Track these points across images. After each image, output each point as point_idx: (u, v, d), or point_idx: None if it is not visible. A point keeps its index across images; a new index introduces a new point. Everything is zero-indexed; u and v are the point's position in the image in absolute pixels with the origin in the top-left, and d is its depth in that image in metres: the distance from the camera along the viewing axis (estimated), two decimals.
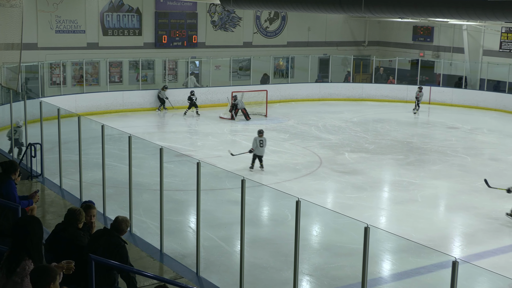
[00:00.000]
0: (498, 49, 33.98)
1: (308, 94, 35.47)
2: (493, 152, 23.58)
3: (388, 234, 13.23)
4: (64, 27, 30.34)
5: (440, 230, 15.21)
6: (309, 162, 21.09)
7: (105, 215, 12.69)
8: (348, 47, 39.58)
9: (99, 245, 7.69)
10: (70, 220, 7.82)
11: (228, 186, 17.42)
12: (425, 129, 28.39)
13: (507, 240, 14.75)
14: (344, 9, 21.49)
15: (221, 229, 14.27)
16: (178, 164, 19.39)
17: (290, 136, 25.42)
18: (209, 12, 34.60)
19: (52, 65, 29.97)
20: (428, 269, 12.60)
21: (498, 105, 32.70)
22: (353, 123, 28.67)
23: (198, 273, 10.64)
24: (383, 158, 22.08)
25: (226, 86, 33.00)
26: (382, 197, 18.29)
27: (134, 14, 32.18)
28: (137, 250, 11.19)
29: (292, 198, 8.60)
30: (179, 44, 33.48)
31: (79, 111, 26.75)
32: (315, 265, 12.76)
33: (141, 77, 32.02)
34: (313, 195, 17.15)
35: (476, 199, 17.43)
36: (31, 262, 6.12)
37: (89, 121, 15.84)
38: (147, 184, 16.69)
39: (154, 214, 12.95)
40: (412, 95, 34.88)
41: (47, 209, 13.13)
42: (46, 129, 15.77)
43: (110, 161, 16.69)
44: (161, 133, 25.53)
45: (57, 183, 15.23)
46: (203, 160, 11.64)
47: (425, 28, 37.83)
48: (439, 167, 20.93)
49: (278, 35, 37.34)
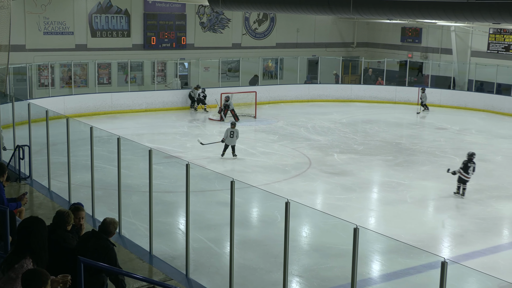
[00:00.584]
0: (486, 50, 34.15)
1: (297, 95, 35.51)
2: (481, 152, 23.61)
3: (377, 235, 13.26)
4: (52, 28, 30.23)
5: (429, 231, 15.26)
6: (298, 163, 21.10)
7: (94, 217, 12.65)
8: (336, 49, 39.65)
9: (88, 247, 7.65)
10: (59, 223, 7.78)
11: (218, 187, 17.41)
12: (414, 130, 28.47)
13: (495, 240, 14.82)
14: (332, 11, 21.53)
15: (210, 231, 14.25)
16: (168, 166, 19.35)
17: (279, 137, 25.43)
18: (198, 14, 34.57)
19: (40, 67, 29.86)
20: (417, 269, 12.63)
21: (486, 106, 32.85)
22: (342, 124, 28.72)
23: (188, 275, 10.63)
24: (372, 159, 22.12)
25: (215, 87, 32.99)
26: (371, 198, 18.33)
27: (122, 16, 32.11)
28: (126, 252, 11.16)
29: (281, 199, 8.60)
30: (168, 46, 33.43)
31: (67, 112, 26.67)
32: (305, 266, 12.77)
33: (130, 78, 31.96)
34: (303, 196, 17.16)
35: (464, 200, 17.48)
36: (31, 261, 6.12)
37: (77, 123, 15.80)
38: (136, 186, 16.65)
39: (144, 216, 12.91)
40: (401, 96, 35.08)
41: (35, 211, 13.06)
42: (35, 131, 15.71)
43: (99, 163, 16.63)
44: (150, 135, 25.46)
45: (46, 185, 15.17)
46: (192, 161, 11.62)
47: (413, 30, 37.96)
48: (427, 168, 20.99)
49: (267, 36, 37.37)
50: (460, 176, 17.78)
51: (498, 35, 33.37)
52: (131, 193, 16.11)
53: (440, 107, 34.04)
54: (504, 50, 33.20)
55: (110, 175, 16.98)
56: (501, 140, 26.02)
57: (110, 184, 15.15)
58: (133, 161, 18.36)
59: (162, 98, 31.20)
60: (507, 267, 13.20)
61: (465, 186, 17.62)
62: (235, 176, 10.84)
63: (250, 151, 22.74)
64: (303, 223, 14.94)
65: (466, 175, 17.68)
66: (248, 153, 22.45)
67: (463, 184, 17.65)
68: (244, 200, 16.19)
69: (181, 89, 32.81)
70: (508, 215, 16.74)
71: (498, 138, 26.58)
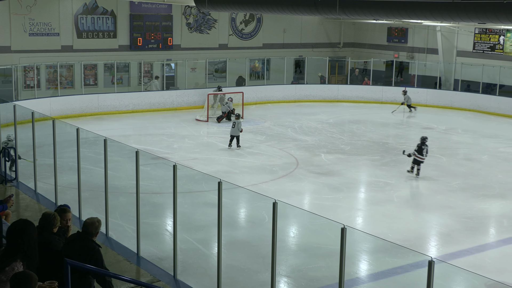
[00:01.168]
0: (471, 50, 34.33)
1: (284, 96, 35.52)
2: (467, 152, 23.79)
3: (365, 235, 13.29)
4: (38, 30, 30.09)
5: (416, 230, 15.30)
6: (286, 164, 21.12)
7: (81, 219, 12.61)
8: (323, 49, 39.72)
9: (74, 249, 7.60)
10: (45, 225, 7.74)
11: (205, 188, 17.39)
12: (400, 130, 28.57)
13: (482, 239, 14.89)
14: (319, 11, 21.58)
15: (198, 232, 14.23)
16: (155, 167, 19.31)
17: (267, 137, 25.43)
18: (184, 15, 34.52)
19: (26, 68, 29.70)
20: (405, 269, 12.67)
21: (472, 106, 33.02)
22: (329, 125, 28.77)
23: (176, 276, 10.61)
24: (359, 159, 22.17)
25: (202, 88, 32.95)
26: (358, 198, 18.37)
27: (108, 17, 32.00)
28: (114, 254, 11.12)
29: (269, 200, 8.60)
30: (154, 47, 33.37)
31: (53, 114, 26.55)
32: (293, 266, 12.77)
33: (116, 79, 31.86)
34: (290, 196, 17.17)
35: (451, 199, 17.56)
36: (21, 264, 6.09)
37: (64, 125, 15.75)
38: (123, 187, 16.60)
39: (131, 217, 12.87)
40: (387, 96, 35.19)
41: (22, 213, 13.00)
42: (21, 133, 15.64)
43: (86, 165, 16.58)
44: (137, 136, 25.39)
45: (32, 187, 15.10)
46: (179, 162, 11.60)
47: (399, 30, 38.10)
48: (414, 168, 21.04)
49: (254, 37, 37.37)
50: (415, 158, 19.86)
51: (484, 35, 33.55)
52: (118, 194, 16.07)
53: (427, 106, 34.17)
54: (490, 49, 33.38)
55: (97, 176, 16.92)
56: (487, 140, 26.15)
57: (97, 185, 15.09)
58: (120, 163, 18.31)
59: (148, 99, 31.14)
60: (493, 266, 13.26)
61: (419, 167, 19.84)
62: (222, 177, 10.83)
63: (238, 151, 22.74)
64: (290, 223, 14.95)
65: (421, 156, 19.85)
66: (235, 154, 22.45)
67: (417, 165, 19.86)
68: (231, 200, 16.19)
69: (164, 90, 32.67)
70: (495, 214, 16.83)
71: (484, 137, 26.71)
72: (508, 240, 14.61)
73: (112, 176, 13.89)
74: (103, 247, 8.07)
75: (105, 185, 12.15)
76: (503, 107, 31.87)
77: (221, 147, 23.40)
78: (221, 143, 24.00)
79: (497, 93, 32.61)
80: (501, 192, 18.41)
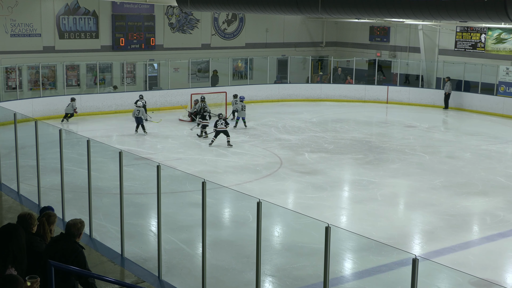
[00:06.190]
0: (453, 48, 34.54)
1: (267, 95, 35.55)
2: (450, 150, 23.92)
3: (349, 233, 13.33)
4: (20, 30, 29.90)
5: (400, 228, 15.37)
6: (270, 163, 21.13)
7: (64, 221, 12.53)
8: (306, 48, 39.81)
9: (57, 250, 7.55)
10: (24, 227, 7.68)
11: (189, 188, 17.36)
12: (383, 128, 28.67)
13: (465, 237, 14.97)
14: (301, 10, 21.61)
15: (182, 232, 14.21)
16: (138, 168, 19.25)
17: (250, 137, 25.43)
18: (166, 15, 34.45)
19: (8, 69, 29.52)
20: (389, 267, 12.71)
21: (454, 104, 33.18)
22: (312, 124, 28.82)
23: (160, 277, 10.59)
24: (342, 157, 22.23)
25: (185, 88, 32.90)
26: (342, 197, 18.41)
27: (90, 17, 31.87)
28: (98, 255, 11.08)
29: (253, 199, 8.60)
30: (137, 47, 33.28)
31: (36, 115, 26.42)
32: (277, 265, 12.78)
33: (99, 80, 31.72)
34: (274, 195, 17.18)
35: (434, 197, 17.65)
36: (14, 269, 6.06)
37: (46, 126, 15.67)
38: (106, 188, 16.54)
39: (114, 218, 12.83)
40: (370, 95, 35.34)
41: (4, 215, 12.92)
42: (3, 134, 15.56)
43: (69, 166, 16.51)
44: (120, 137, 25.31)
45: (15, 188, 15.00)
46: (163, 163, 11.58)
47: (381, 29, 38.25)
48: (397, 166, 21.15)
49: (236, 36, 37.37)
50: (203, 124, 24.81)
51: (465, 33, 33.76)
52: (101, 195, 16.00)
53: (409, 105, 34.35)
54: (471, 47, 33.59)
55: (80, 177, 16.86)
56: (469, 137, 26.31)
57: (80, 186, 15.04)
58: (103, 163, 18.25)
59: (131, 100, 30.96)
60: (477, 263, 13.34)
61: (205, 130, 24.69)
62: (206, 177, 10.82)
63: (221, 151, 22.72)
64: (275, 222, 14.97)
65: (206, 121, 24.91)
66: (219, 154, 22.43)
67: (203, 128, 24.69)
68: (215, 200, 16.17)
69: (147, 90, 32.53)
70: (478, 211, 16.93)
71: (467, 135, 26.88)
72: (491, 237, 14.70)
73: (96, 177, 13.84)
74: (86, 248, 8.04)
75: (89, 186, 12.11)
76: (485, 105, 32.09)
77: (203, 147, 23.37)
78: (204, 143, 23.97)
79: (479, 91, 32.81)
80: (484, 190, 18.53)
